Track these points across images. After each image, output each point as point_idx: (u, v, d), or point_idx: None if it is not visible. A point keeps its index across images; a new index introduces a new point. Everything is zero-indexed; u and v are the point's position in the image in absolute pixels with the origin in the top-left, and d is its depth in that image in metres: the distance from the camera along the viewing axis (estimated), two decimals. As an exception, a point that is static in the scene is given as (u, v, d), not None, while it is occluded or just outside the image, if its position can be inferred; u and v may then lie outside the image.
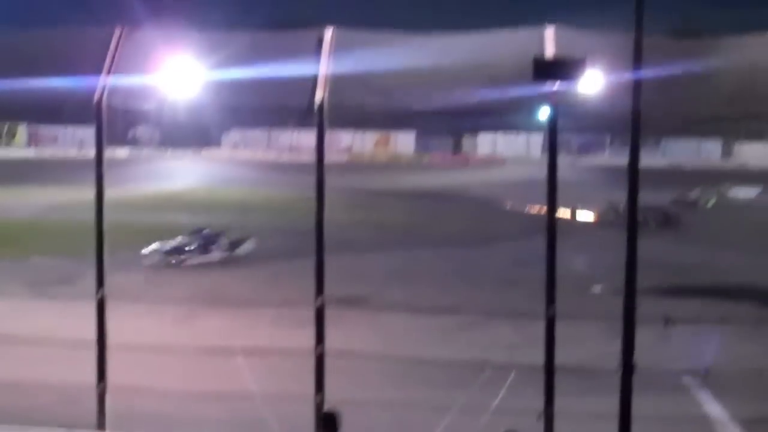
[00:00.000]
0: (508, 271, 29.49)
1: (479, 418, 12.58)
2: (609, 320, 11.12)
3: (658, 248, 28.80)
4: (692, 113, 10.76)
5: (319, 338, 10.86)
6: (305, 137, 71.26)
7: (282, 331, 18.76)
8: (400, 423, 13.84)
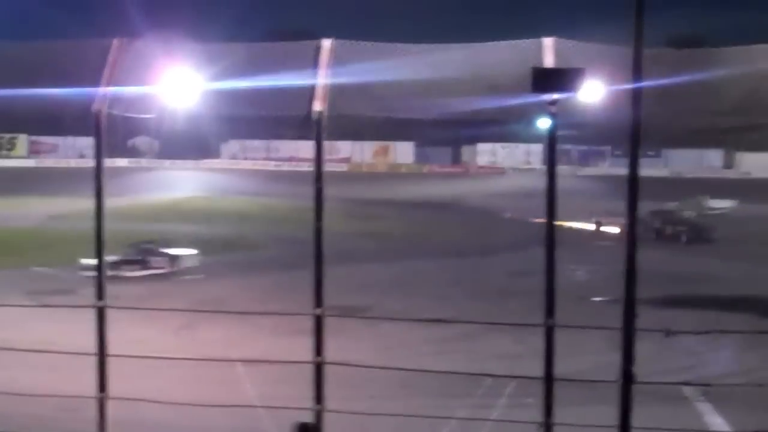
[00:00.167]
0: (508, 282, 29.47)
1: (479, 429, 12.56)
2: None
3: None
4: (694, 123, 10.76)
5: (318, 348, 10.82)
6: (304, 147, 71.36)
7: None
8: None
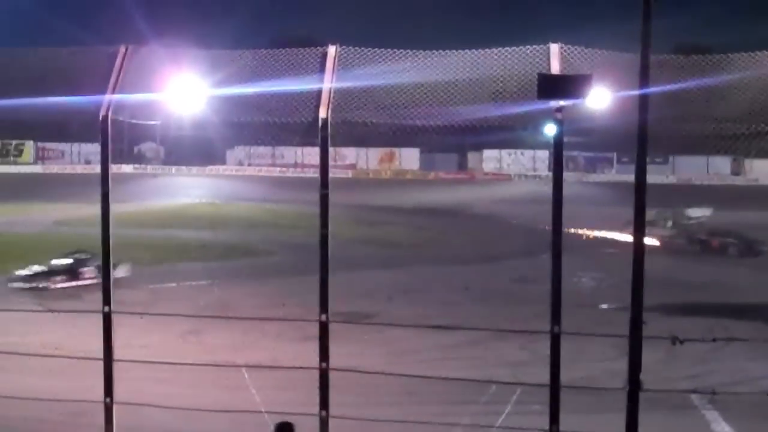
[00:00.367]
0: (515, 289, 29.42)
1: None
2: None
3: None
4: (701, 130, 10.71)
5: (324, 354, 10.82)
6: (309, 153, 71.57)
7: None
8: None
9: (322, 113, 10.48)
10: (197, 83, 11.39)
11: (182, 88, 11.52)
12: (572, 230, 39.76)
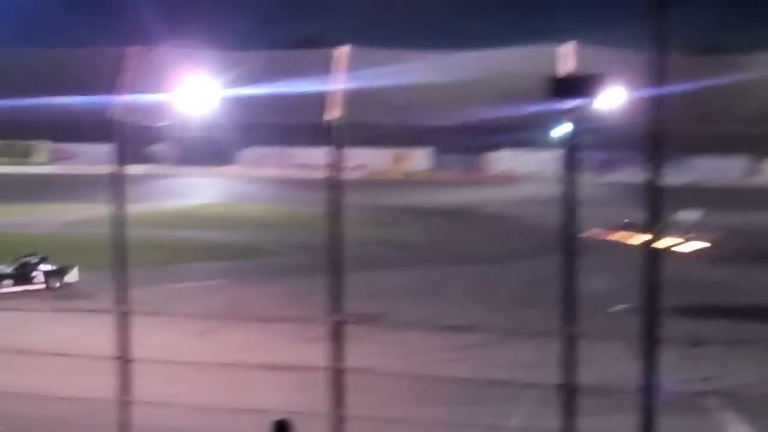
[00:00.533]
0: (527, 290, 29.30)
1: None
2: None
3: None
4: (716, 130, 10.64)
5: (338, 355, 10.83)
6: (321, 154, 71.43)
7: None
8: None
9: (334, 114, 10.46)
10: (209, 84, 11.40)
11: (194, 89, 11.53)
12: (585, 231, 39.61)
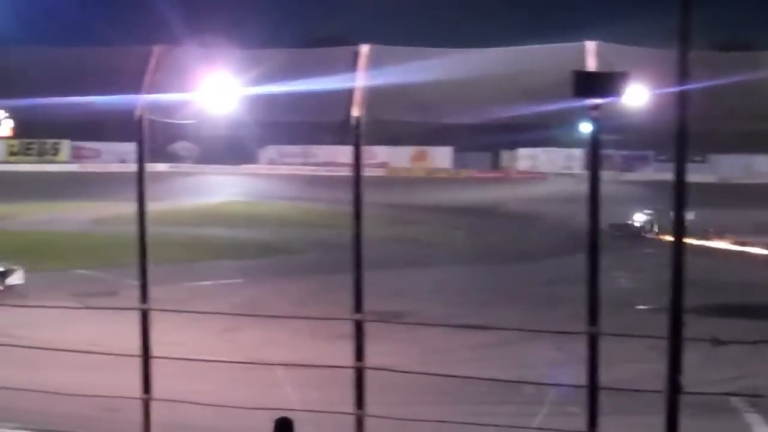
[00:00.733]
0: (550, 289, 29.20)
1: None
2: None
3: None
4: (741, 128, 10.54)
5: (359, 353, 10.82)
6: (341, 152, 71.49)
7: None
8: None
9: (355, 112, 10.43)
10: (230, 83, 11.41)
11: (215, 88, 11.55)
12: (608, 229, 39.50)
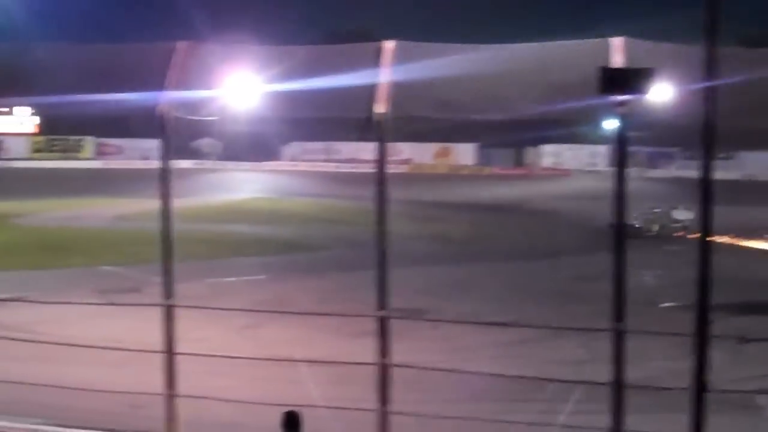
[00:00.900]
0: (574, 286, 29.05)
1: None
2: None
3: None
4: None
5: (383, 350, 10.82)
6: (364, 149, 71.51)
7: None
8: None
9: (380, 109, 10.40)
10: (253, 79, 11.40)
11: (238, 84, 11.55)
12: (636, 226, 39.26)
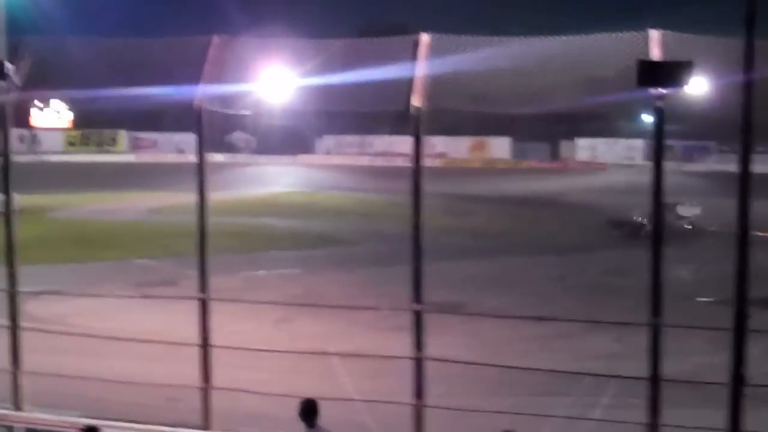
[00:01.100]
0: (608, 280, 28.86)
1: (581, 429, 12.31)
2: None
3: None
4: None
5: (418, 344, 10.85)
6: (398, 142, 71.53)
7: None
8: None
9: (415, 102, 10.38)
10: (287, 73, 11.43)
11: (273, 78, 11.58)
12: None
